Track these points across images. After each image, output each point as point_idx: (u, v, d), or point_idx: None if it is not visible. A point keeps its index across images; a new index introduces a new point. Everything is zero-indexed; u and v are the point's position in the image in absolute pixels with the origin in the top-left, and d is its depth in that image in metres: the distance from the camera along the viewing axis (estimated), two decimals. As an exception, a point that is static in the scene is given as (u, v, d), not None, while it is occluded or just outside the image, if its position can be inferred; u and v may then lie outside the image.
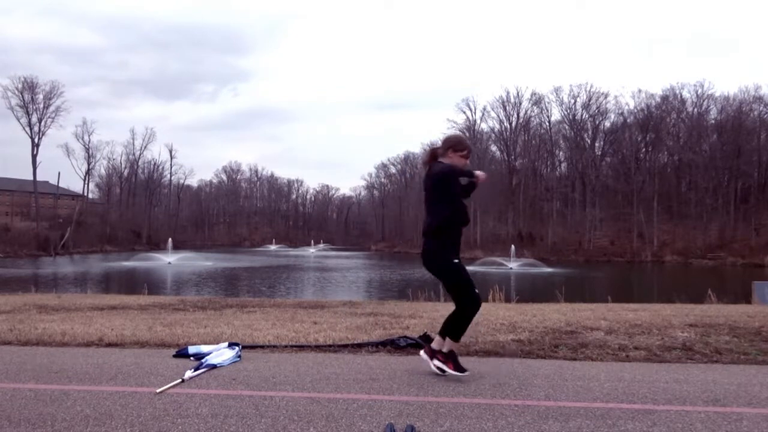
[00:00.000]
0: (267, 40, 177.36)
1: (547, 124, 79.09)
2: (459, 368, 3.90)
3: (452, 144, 4.09)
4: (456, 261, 3.92)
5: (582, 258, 61.33)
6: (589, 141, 75.53)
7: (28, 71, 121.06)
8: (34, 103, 71.41)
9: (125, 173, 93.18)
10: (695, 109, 69.92)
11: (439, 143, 4.22)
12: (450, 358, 3.93)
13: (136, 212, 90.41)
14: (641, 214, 64.36)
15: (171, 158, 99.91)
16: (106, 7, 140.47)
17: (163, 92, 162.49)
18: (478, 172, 4.10)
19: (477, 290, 3.90)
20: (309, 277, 33.86)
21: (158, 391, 3.53)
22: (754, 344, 5.16)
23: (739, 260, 53.04)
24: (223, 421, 2.97)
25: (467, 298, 3.88)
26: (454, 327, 3.93)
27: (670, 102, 70.26)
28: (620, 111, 72.70)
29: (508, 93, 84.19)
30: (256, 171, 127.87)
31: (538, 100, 77.52)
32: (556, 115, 78.14)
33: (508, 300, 12.34)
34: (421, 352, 4.11)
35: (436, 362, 3.95)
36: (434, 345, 4.03)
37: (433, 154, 4.11)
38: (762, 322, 6.59)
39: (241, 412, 3.14)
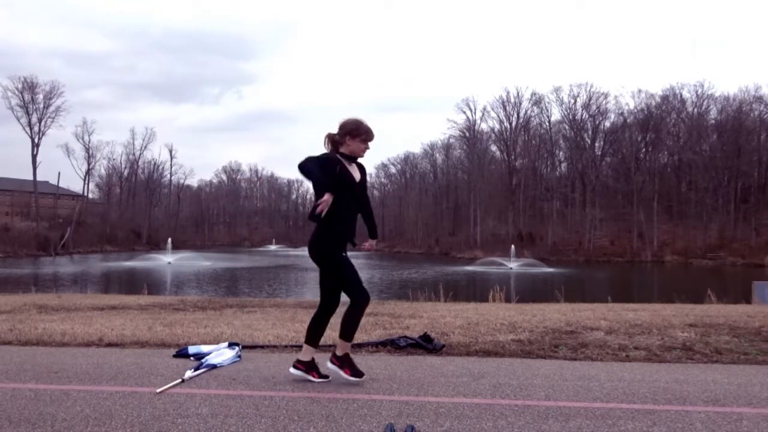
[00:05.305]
0: (271, 44, 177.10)
1: (547, 124, 79.07)
2: (356, 373, 3.72)
3: (349, 129, 3.75)
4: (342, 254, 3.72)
5: (582, 258, 61.30)
6: (589, 141, 75.47)
7: (37, 74, 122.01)
8: (34, 103, 71.32)
9: (125, 173, 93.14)
10: (695, 109, 69.91)
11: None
12: (345, 363, 3.75)
13: (136, 212, 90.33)
14: (641, 214, 64.31)
15: (171, 158, 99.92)
16: (116, 13, 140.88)
17: (169, 95, 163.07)
18: (325, 197, 3.49)
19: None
20: (309, 277, 33.81)
21: (158, 391, 3.53)
22: (754, 344, 5.16)
23: (739, 260, 52.98)
24: (223, 421, 2.97)
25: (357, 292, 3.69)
26: (349, 326, 3.74)
27: (670, 102, 70.22)
28: (620, 111, 72.69)
29: (508, 93, 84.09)
30: (257, 171, 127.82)
31: (538, 100, 77.49)
32: (556, 115, 78.17)
33: (508, 300, 12.35)
34: (328, 364, 3.81)
35: (329, 366, 3.77)
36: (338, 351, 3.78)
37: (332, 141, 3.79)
38: (762, 322, 6.59)
39: (241, 412, 3.14)
